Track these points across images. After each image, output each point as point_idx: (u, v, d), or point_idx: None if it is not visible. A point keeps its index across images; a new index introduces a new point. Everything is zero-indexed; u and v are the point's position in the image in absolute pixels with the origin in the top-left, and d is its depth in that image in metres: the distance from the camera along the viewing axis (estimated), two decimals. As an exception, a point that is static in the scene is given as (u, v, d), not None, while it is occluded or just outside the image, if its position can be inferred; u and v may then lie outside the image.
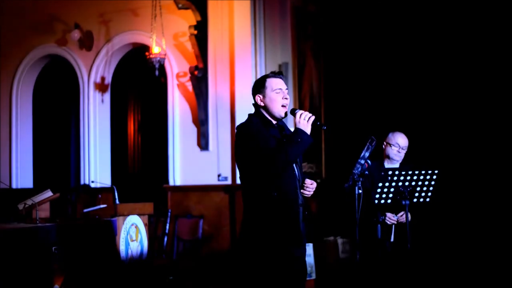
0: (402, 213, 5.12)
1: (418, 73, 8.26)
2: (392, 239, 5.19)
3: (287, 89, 4.18)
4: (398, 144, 5.26)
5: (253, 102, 4.20)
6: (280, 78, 4.16)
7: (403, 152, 5.29)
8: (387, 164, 5.33)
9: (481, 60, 7.84)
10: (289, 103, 4.18)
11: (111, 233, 6.13)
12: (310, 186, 4.14)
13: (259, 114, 4.15)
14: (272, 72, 4.22)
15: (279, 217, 3.98)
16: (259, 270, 4.00)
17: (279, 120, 4.19)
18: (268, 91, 4.11)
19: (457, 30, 7.96)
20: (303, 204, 4.12)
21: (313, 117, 4.06)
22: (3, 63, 10.59)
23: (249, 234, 4.03)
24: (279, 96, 4.10)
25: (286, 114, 4.13)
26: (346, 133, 8.71)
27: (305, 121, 4.03)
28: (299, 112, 4.08)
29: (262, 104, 4.13)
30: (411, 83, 8.31)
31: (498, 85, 7.77)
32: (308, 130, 4.02)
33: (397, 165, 5.34)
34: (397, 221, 5.13)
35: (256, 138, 4.00)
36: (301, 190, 4.13)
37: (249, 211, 4.07)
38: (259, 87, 4.16)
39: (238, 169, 4.17)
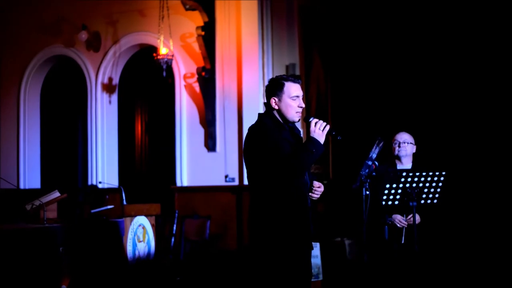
0: (411, 215, 5.12)
1: (427, 73, 8.24)
2: (402, 241, 5.19)
3: (303, 95, 4.11)
4: (397, 139, 5.33)
5: (265, 101, 4.13)
6: (298, 83, 4.08)
7: (404, 146, 5.33)
8: (399, 165, 5.35)
9: (491, 60, 7.80)
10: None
11: (118, 234, 6.13)
12: (318, 190, 4.12)
13: (272, 116, 4.07)
14: (291, 76, 4.12)
15: (289, 218, 3.96)
16: (272, 272, 3.99)
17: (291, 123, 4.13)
18: (285, 96, 4.03)
19: (465, 30, 7.93)
20: (311, 206, 4.11)
21: (328, 127, 4.00)
22: (11, 64, 10.61)
23: (260, 234, 4.00)
24: (295, 103, 4.03)
25: (299, 120, 4.08)
26: (353, 133, 8.69)
27: (320, 130, 3.98)
28: (314, 121, 4.01)
29: (276, 107, 4.05)
30: (419, 83, 8.29)
31: (507, 86, 7.73)
32: (322, 139, 3.98)
33: (409, 166, 5.35)
34: (407, 223, 5.15)
35: (270, 140, 3.93)
36: (309, 194, 4.11)
37: (257, 211, 4.02)
38: (275, 89, 4.06)
39: (247, 169, 4.10)
